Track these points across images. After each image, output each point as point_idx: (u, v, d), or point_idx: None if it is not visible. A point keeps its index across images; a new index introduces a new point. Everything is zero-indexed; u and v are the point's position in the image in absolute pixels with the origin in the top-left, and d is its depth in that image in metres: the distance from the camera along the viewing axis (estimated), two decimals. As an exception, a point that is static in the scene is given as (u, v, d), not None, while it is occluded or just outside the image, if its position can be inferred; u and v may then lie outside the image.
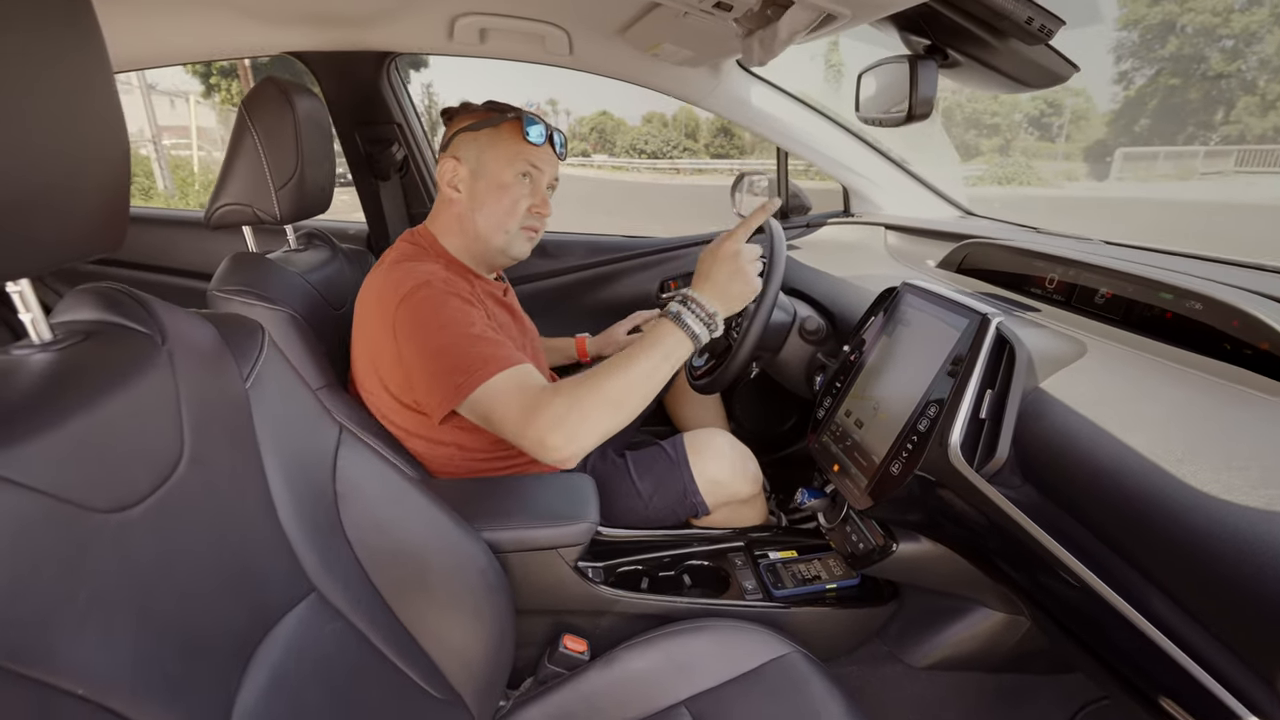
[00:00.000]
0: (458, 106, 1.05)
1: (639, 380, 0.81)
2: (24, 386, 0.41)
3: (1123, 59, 43.74)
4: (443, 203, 1.02)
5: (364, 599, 0.63)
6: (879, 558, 0.87)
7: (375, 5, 1.11)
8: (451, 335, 0.84)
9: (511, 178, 0.98)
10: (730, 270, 0.84)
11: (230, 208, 1.00)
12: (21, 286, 0.43)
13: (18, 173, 0.36)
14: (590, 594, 0.90)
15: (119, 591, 0.40)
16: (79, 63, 0.40)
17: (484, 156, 0.98)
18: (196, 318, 0.55)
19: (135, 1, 1.07)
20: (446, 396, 0.83)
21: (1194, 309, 0.74)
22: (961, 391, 0.72)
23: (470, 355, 0.83)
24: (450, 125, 1.03)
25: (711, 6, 0.76)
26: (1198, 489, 0.51)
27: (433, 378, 0.84)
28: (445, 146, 1.02)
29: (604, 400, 0.79)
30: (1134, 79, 44.22)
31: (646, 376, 0.81)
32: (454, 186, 0.99)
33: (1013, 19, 0.69)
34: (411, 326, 0.86)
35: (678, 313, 0.83)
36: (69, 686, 0.35)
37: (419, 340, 0.85)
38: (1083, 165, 39.72)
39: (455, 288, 0.90)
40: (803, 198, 1.72)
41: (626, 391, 0.80)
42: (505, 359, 0.83)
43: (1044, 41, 0.74)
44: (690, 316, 0.82)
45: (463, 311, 0.87)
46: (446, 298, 0.87)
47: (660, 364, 0.81)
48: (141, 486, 0.44)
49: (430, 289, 0.87)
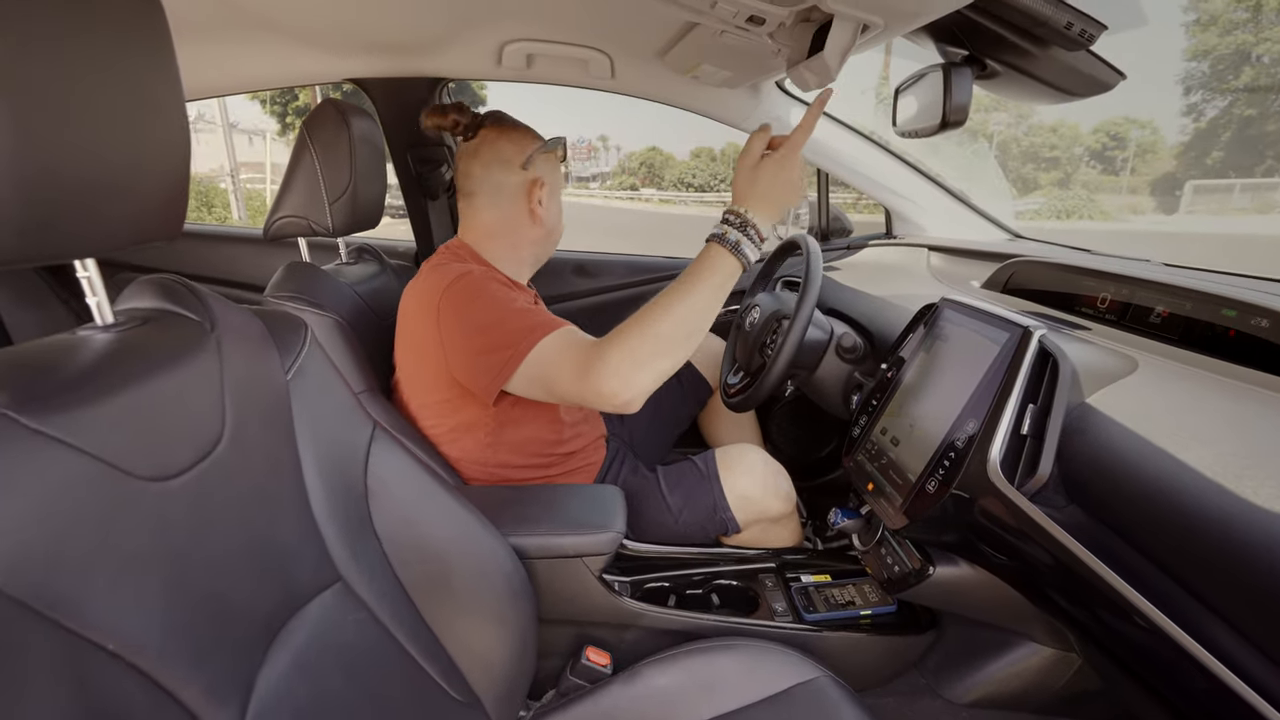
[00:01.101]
0: (495, 113, 1.06)
1: (693, 314, 0.78)
2: (84, 361, 0.44)
3: (1192, 91, 42.17)
4: (481, 226, 1.04)
5: (389, 593, 0.64)
6: (915, 581, 0.83)
7: (429, 34, 1.18)
8: (496, 312, 0.87)
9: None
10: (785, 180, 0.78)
11: (287, 220, 1.06)
12: (90, 271, 0.47)
13: (89, 160, 0.40)
14: (615, 606, 0.89)
15: (152, 556, 0.42)
16: (150, 67, 0.43)
17: (555, 178, 1.06)
18: (245, 311, 0.58)
19: (210, 32, 1.16)
20: (498, 372, 0.84)
21: (1260, 326, 0.70)
22: (1002, 406, 0.69)
23: (515, 327, 0.85)
24: (489, 137, 1.02)
25: (745, 21, 0.77)
26: (1261, 506, 0.47)
27: (480, 355, 0.86)
28: (527, 162, 1.01)
29: (658, 340, 0.77)
30: (1205, 111, 42.53)
31: (701, 310, 0.78)
32: (543, 205, 1.03)
33: (1051, 24, 0.68)
34: (455, 310, 0.89)
35: (736, 241, 0.78)
36: (100, 640, 0.37)
37: (465, 321, 0.88)
38: (1149, 199, 38.16)
39: (495, 276, 0.95)
40: (844, 220, 1.71)
41: (680, 327, 0.78)
42: (548, 324, 0.85)
43: (1085, 47, 0.72)
44: (747, 243, 0.78)
45: (503, 292, 0.91)
46: (487, 282, 0.91)
47: (715, 294, 0.78)
48: (182, 460, 0.46)
49: (471, 277, 0.91)
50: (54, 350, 0.44)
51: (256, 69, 1.34)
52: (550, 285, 1.68)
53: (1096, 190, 39.19)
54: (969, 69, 0.82)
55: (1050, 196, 33.12)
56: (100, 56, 0.40)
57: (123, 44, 0.41)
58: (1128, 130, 44.85)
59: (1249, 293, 0.73)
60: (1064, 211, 26.47)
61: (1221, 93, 41.57)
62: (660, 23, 1.03)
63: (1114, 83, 0.80)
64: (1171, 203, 32.19)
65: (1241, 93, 41.41)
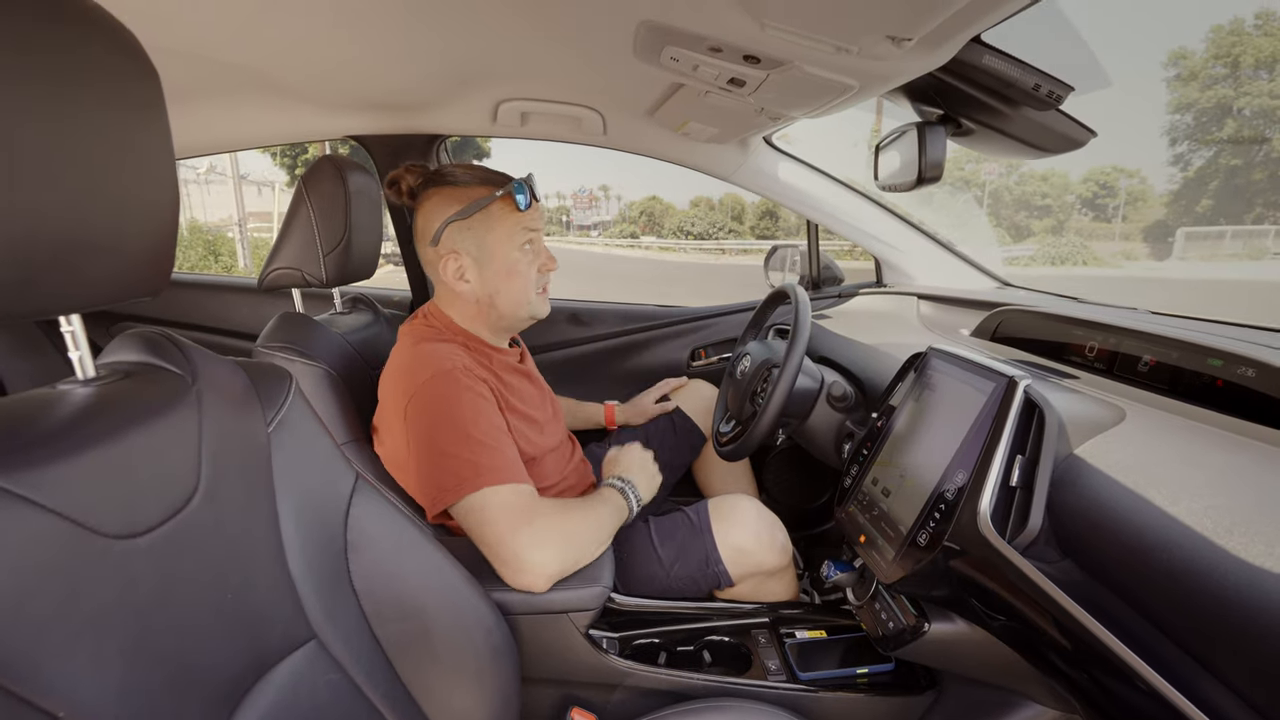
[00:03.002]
0: (425, 176, 0.98)
1: (598, 525, 0.91)
2: (58, 417, 0.44)
3: (1177, 142, 43.46)
4: (451, 296, 1.00)
5: (365, 652, 0.62)
6: (910, 639, 0.81)
7: (426, 93, 1.23)
8: (453, 436, 0.85)
9: (519, 254, 0.97)
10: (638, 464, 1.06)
11: (281, 271, 1.08)
12: (74, 326, 0.47)
13: (74, 221, 0.40)
14: (601, 665, 0.86)
15: (114, 617, 0.41)
16: (141, 128, 0.45)
17: (484, 242, 0.95)
18: (230, 364, 0.59)
19: (213, 93, 1.21)
20: (435, 498, 0.86)
21: (1247, 376, 0.70)
22: (990, 457, 0.68)
23: (466, 461, 0.84)
24: (423, 207, 0.97)
25: (726, 83, 0.80)
26: (1250, 563, 0.46)
27: (428, 473, 0.86)
28: (435, 238, 0.95)
29: (576, 532, 0.87)
30: (1191, 160, 43.70)
31: (605, 523, 0.92)
32: (461, 278, 0.97)
33: (1019, 86, 0.71)
34: (419, 417, 0.88)
35: (622, 488, 1.00)
36: (50, 708, 0.36)
37: (423, 433, 0.87)
38: (1142, 245, 38.75)
39: (470, 379, 0.90)
40: (834, 269, 1.73)
41: (590, 530, 0.89)
42: (499, 471, 0.85)
43: (1054, 107, 0.75)
44: (632, 495, 0.99)
45: (472, 408, 0.87)
46: (459, 392, 0.88)
47: (612, 517, 0.94)
48: (152, 516, 0.46)
49: (445, 380, 0.88)
50: (31, 405, 0.44)
51: (260, 127, 1.39)
52: (543, 334, 1.69)
53: (1090, 237, 39.82)
54: (943, 128, 0.85)
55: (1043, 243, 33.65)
56: (90, 119, 0.40)
57: (114, 107, 0.42)
58: (1116, 179, 45.93)
59: (1235, 342, 0.73)
60: (1058, 258, 26.84)
61: (1206, 144, 42.81)
62: (649, 82, 1.07)
63: (1085, 140, 0.82)
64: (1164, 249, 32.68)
65: (1226, 144, 42.63)
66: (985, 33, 0.66)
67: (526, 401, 1.03)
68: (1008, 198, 48.58)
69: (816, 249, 1.70)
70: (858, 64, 0.67)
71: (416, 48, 1.00)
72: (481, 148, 17.51)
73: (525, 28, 0.90)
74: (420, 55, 1.04)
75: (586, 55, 0.99)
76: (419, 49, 1.01)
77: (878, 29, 0.59)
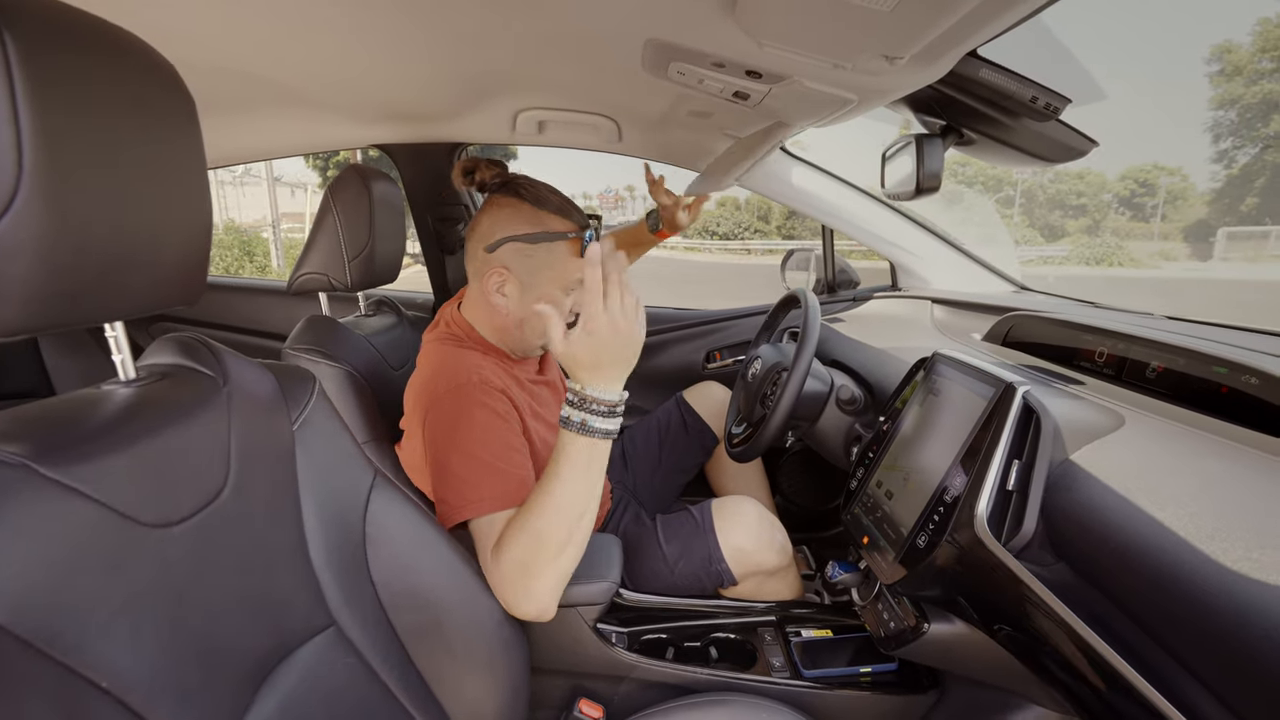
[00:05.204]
0: (504, 178, 0.96)
1: (571, 504, 0.75)
2: (104, 415, 0.48)
3: (1221, 138, 41.91)
4: (483, 303, 0.97)
5: (381, 639, 0.66)
6: (910, 639, 0.82)
7: (447, 104, 1.27)
8: (465, 455, 0.84)
9: (561, 295, 0.94)
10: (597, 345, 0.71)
11: (308, 276, 1.13)
12: (117, 331, 0.52)
13: (115, 238, 0.44)
14: (609, 657, 0.89)
15: (150, 599, 0.45)
16: (174, 142, 0.48)
17: (538, 276, 0.93)
18: (258, 367, 0.63)
19: (243, 105, 1.27)
20: (443, 514, 0.84)
21: (1250, 384, 0.70)
22: (987, 461, 0.70)
23: (476, 483, 0.82)
24: (492, 210, 0.95)
25: (732, 95, 0.82)
26: (1228, 567, 0.47)
27: (436, 492, 0.86)
28: (492, 247, 0.93)
29: (543, 544, 0.75)
30: (1236, 158, 42.10)
31: (576, 497, 0.75)
32: (501, 293, 0.95)
33: (1017, 99, 0.72)
34: (435, 429, 0.87)
35: (581, 420, 0.73)
36: (94, 678, 0.40)
37: (436, 451, 0.87)
38: (1182, 245, 37.50)
39: (488, 394, 0.88)
40: (850, 273, 1.74)
41: (562, 522, 0.75)
42: (498, 499, 0.81)
43: (1052, 118, 0.76)
44: (594, 418, 0.73)
45: (484, 427, 0.86)
46: (473, 409, 0.86)
47: (584, 477, 0.75)
48: (185, 507, 0.50)
49: (461, 395, 0.87)
50: (78, 404, 0.49)
51: (288, 137, 1.45)
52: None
53: (1126, 237, 38.65)
54: (940, 140, 0.86)
55: (1078, 244, 32.74)
56: (132, 145, 0.44)
57: (153, 133, 0.46)
58: (1156, 177, 44.53)
59: (1240, 351, 0.73)
60: (1093, 259, 26.06)
61: (1252, 140, 41.23)
62: (660, 92, 1.10)
63: (1087, 149, 0.83)
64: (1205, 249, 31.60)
65: (1273, 139, 41.00)
66: (984, 48, 0.67)
67: (549, 408, 1.05)
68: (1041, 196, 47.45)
69: (832, 253, 1.71)
70: (855, 79, 0.69)
71: (437, 64, 1.05)
72: (509, 150, 17.70)
73: (540, 44, 0.94)
74: (440, 71, 1.08)
75: (599, 69, 1.02)
76: (439, 65, 1.05)
77: (870, 48, 0.61)
